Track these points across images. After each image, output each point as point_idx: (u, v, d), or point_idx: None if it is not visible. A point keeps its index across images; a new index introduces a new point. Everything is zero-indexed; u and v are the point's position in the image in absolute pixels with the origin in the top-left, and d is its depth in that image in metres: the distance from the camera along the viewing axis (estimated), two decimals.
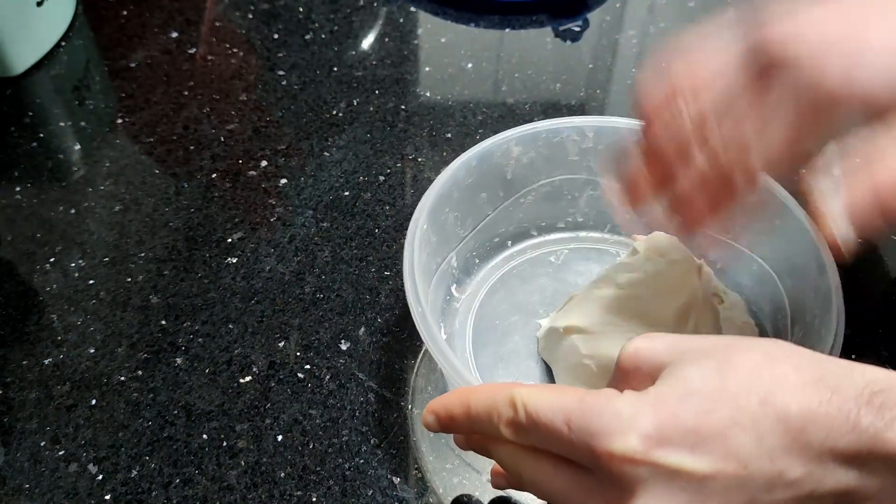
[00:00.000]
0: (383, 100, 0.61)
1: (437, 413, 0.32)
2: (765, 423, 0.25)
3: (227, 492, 0.40)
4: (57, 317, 0.48)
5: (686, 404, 0.26)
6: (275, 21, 0.68)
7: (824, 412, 0.25)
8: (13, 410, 0.43)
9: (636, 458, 0.26)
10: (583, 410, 0.27)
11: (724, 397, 0.26)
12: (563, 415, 0.27)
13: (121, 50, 0.65)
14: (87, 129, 0.59)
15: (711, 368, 0.27)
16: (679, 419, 0.26)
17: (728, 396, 0.26)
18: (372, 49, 0.66)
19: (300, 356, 0.46)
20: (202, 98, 0.61)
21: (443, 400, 0.32)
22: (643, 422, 0.26)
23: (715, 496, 0.25)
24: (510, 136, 0.45)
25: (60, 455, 0.42)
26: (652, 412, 0.26)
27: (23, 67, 0.62)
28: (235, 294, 0.49)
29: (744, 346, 0.28)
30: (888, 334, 0.47)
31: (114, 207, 0.54)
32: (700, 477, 0.25)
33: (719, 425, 0.25)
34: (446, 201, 0.44)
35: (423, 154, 0.58)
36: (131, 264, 0.50)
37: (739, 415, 0.25)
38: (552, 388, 0.29)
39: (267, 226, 0.53)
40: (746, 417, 0.25)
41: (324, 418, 0.43)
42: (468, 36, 0.67)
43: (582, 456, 0.27)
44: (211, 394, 0.44)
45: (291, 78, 0.63)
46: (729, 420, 0.25)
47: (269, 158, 0.57)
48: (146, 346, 0.46)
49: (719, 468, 0.25)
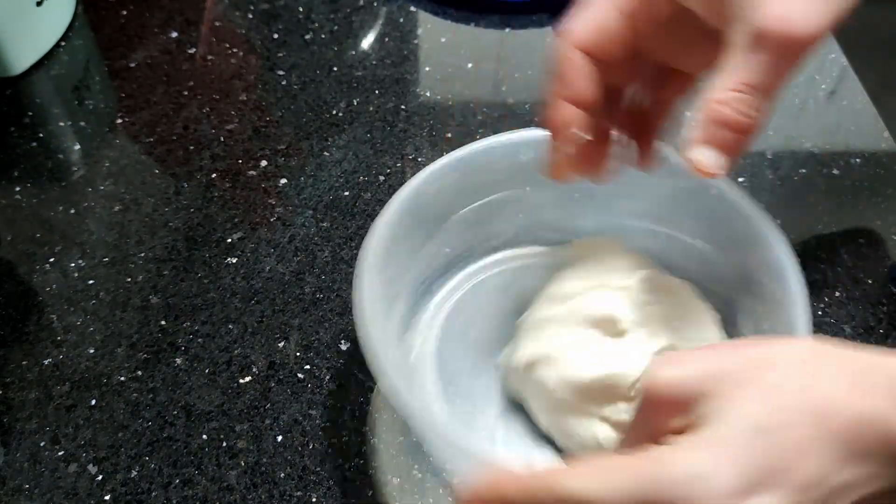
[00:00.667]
0: (383, 100, 0.61)
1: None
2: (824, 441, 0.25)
3: (227, 492, 0.40)
4: (56, 317, 0.48)
5: (753, 441, 0.25)
6: (275, 21, 0.68)
7: (870, 419, 0.25)
8: (13, 410, 0.43)
9: None
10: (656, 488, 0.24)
11: (781, 426, 0.25)
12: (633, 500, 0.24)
13: (121, 50, 0.65)
14: (86, 129, 0.59)
15: (759, 396, 0.26)
16: (752, 458, 0.25)
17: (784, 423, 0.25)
18: (372, 49, 0.66)
19: (300, 356, 0.46)
20: (202, 98, 0.61)
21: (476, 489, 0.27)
22: (725, 477, 0.24)
23: None
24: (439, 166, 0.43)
25: (60, 455, 0.42)
26: (729, 460, 0.25)
27: (22, 67, 0.62)
28: (235, 294, 0.49)
29: (778, 356, 0.27)
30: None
31: (114, 207, 0.54)
32: None
33: (789, 455, 0.25)
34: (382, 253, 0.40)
35: (423, 154, 0.58)
36: (131, 264, 0.50)
37: (802, 439, 0.25)
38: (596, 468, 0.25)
39: (267, 226, 0.53)
40: (806, 441, 0.25)
41: (324, 418, 0.43)
42: (468, 36, 0.67)
43: None
44: (211, 394, 0.44)
45: (291, 78, 0.63)
46: (794, 447, 0.25)
47: (269, 158, 0.57)
48: (146, 347, 0.46)
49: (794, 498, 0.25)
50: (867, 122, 0.61)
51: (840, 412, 0.25)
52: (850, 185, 0.56)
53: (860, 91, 0.63)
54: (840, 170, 0.57)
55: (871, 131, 0.60)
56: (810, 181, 0.56)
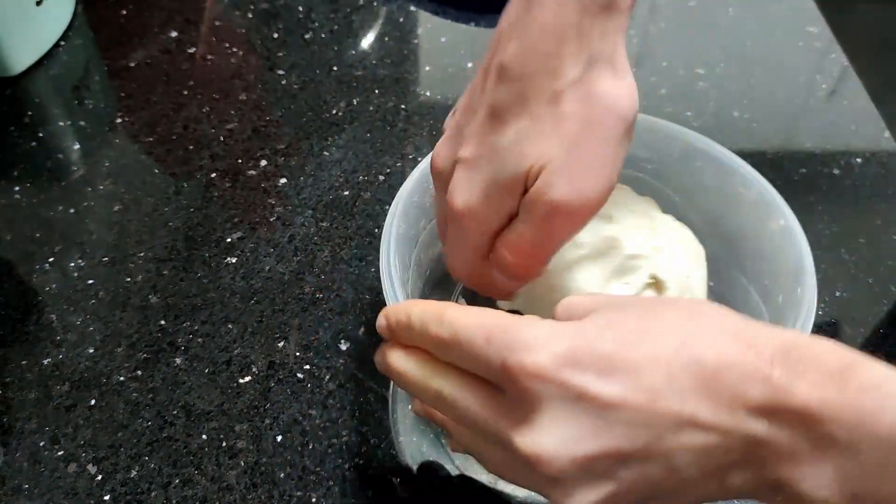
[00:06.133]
0: (383, 99, 0.61)
1: (387, 317, 0.32)
2: (678, 364, 0.25)
3: (227, 492, 0.40)
4: (56, 317, 0.47)
5: (603, 336, 0.27)
6: (275, 21, 0.68)
7: (739, 362, 0.25)
8: (12, 410, 0.43)
9: (545, 374, 0.26)
10: (504, 328, 0.27)
11: (642, 337, 0.26)
12: (485, 331, 0.28)
13: (120, 50, 0.65)
14: (86, 129, 0.59)
15: (635, 314, 0.28)
16: (593, 347, 0.26)
17: (646, 337, 0.26)
18: (372, 49, 0.66)
19: (300, 356, 0.46)
20: (202, 98, 0.61)
21: (395, 307, 0.32)
22: (558, 343, 0.26)
23: (619, 425, 0.25)
24: None
25: (60, 455, 0.42)
26: (568, 337, 0.27)
27: (22, 67, 0.62)
28: (235, 294, 0.49)
29: (670, 302, 0.29)
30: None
31: (113, 207, 0.53)
32: (605, 403, 0.25)
33: (632, 359, 0.26)
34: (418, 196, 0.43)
35: (423, 154, 0.58)
36: (131, 264, 0.50)
37: (655, 353, 0.26)
38: (483, 310, 0.29)
39: (266, 225, 0.53)
40: (661, 357, 0.26)
41: (324, 418, 0.43)
42: (468, 36, 0.67)
43: (494, 370, 0.27)
44: (210, 394, 0.44)
45: (291, 78, 0.63)
46: (643, 357, 0.26)
47: (269, 158, 0.57)
48: (145, 346, 0.46)
49: (626, 397, 0.25)
50: (867, 122, 0.60)
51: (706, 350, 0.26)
52: (850, 185, 0.56)
53: (861, 91, 0.63)
54: (840, 170, 0.57)
55: (871, 131, 0.60)
56: (810, 181, 0.56)
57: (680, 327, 0.27)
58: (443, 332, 0.29)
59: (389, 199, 0.54)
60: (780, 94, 0.63)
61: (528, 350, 0.26)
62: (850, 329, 0.48)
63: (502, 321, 0.28)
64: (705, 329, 0.26)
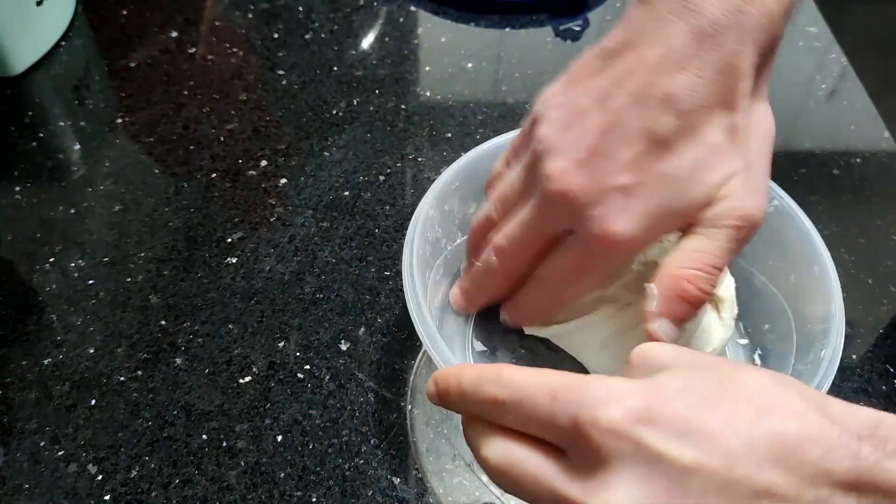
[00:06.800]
0: (383, 100, 0.61)
1: (437, 383, 0.31)
2: (758, 433, 0.25)
3: (227, 492, 0.40)
4: (56, 317, 0.48)
5: (680, 397, 0.26)
6: (275, 21, 0.68)
7: (824, 437, 0.24)
8: (13, 410, 0.43)
9: (620, 430, 0.25)
10: (571, 386, 0.27)
11: (721, 403, 0.25)
12: (550, 389, 0.27)
13: (121, 50, 0.65)
14: (86, 129, 0.59)
15: (715, 378, 0.27)
16: (669, 407, 0.25)
17: (726, 403, 0.25)
18: (372, 49, 0.66)
19: (300, 356, 0.46)
20: (202, 98, 0.61)
21: (445, 371, 0.31)
22: (633, 399, 0.26)
23: (694, 491, 0.24)
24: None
25: (60, 455, 0.42)
26: (643, 394, 0.26)
27: (22, 67, 0.62)
28: (235, 294, 0.49)
29: (752, 370, 0.27)
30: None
31: (114, 207, 0.54)
32: (682, 467, 0.24)
33: (711, 424, 0.25)
34: (455, 189, 0.44)
35: (423, 154, 0.58)
36: (131, 264, 0.50)
37: (734, 421, 0.25)
38: (541, 369, 0.28)
39: (267, 226, 0.53)
40: (741, 425, 0.25)
41: (324, 418, 0.43)
42: (468, 36, 0.67)
43: (561, 428, 0.26)
44: (211, 394, 0.44)
45: (291, 78, 0.63)
46: (722, 423, 0.25)
47: (269, 158, 0.57)
48: (146, 346, 0.46)
49: (703, 462, 0.24)
50: (867, 122, 0.61)
51: (788, 423, 0.25)
52: (850, 185, 0.56)
53: (860, 91, 0.63)
54: (840, 170, 0.57)
55: (871, 131, 0.60)
56: (810, 181, 0.56)
57: (761, 396, 0.26)
58: (500, 392, 0.28)
59: (390, 199, 0.55)
60: (780, 94, 0.63)
61: (601, 405, 0.25)
62: (849, 329, 0.48)
63: (567, 379, 0.27)
64: (787, 401, 0.26)
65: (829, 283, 0.39)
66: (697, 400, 0.26)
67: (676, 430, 0.25)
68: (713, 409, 0.25)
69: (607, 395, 0.26)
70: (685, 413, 0.25)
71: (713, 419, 0.25)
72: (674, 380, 0.27)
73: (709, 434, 0.25)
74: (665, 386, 0.26)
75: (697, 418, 0.25)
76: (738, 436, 0.25)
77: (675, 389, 0.26)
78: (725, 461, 0.24)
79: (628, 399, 0.26)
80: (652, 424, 0.25)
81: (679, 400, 0.26)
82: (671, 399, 0.26)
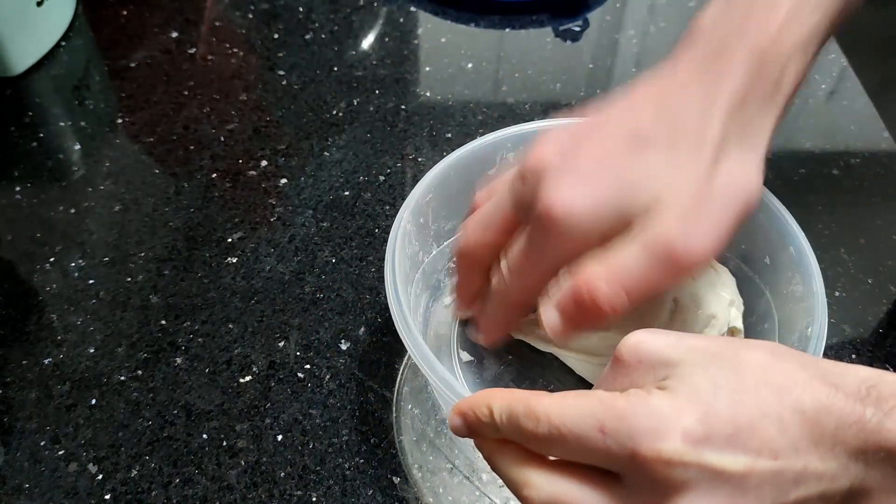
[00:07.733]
0: (383, 100, 0.61)
1: (464, 416, 0.30)
2: (785, 414, 0.25)
3: (227, 491, 0.40)
4: (57, 316, 0.48)
5: (716, 399, 0.26)
6: (275, 21, 0.68)
7: (834, 405, 0.25)
8: (13, 410, 0.43)
9: (684, 460, 0.25)
10: (617, 416, 0.26)
11: (747, 393, 0.26)
12: (595, 422, 0.26)
13: (121, 50, 0.65)
14: (86, 129, 0.59)
15: (726, 367, 0.27)
16: (714, 414, 0.26)
17: (750, 391, 0.26)
18: (372, 49, 0.66)
19: (300, 356, 0.46)
20: (202, 98, 0.61)
21: (469, 402, 0.30)
22: (685, 419, 0.26)
23: (751, 490, 0.25)
24: (501, 136, 0.45)
25: (60, 455, 0.42)
26: (689, 409, 0.26)
27: (23, 67, 0.62)
28: (235, 294, 0.49)
29: (747, 346, 0.28)
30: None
31: (114, 207, 0.54)
32: (740, 475, 0.25)
33: (750, 417, 0.26)
34: (429, 201, 0.43)
35: (423, 154, 0.58)
36: (131, 264, 0.50)
37: (763, 407, 0.26)
38: (574, 395, 0.28)
39: (267, 226, 0.53)
40: (770, 410, 0.26)
41: (324, 418, 0.43)
42: (468, 36, 0.67)
43: (620, 462, 0.26)
44: (211, 394, 0.44)
45: (291, 78, 0.63)
46: (756, 412, 0.26)
47: (269, 158, 0.57)
48: (146, 346, 0.46)
49: (755, 464, 0.25)
50: (867, 122, 0.61)
51: (802, 395, 0.26)
52: (849, 185, 0.56)
53: (860, 91, 0.63)
54: (840, 170, 0.57)
55: (871, 131, 0.60)
56: (810, 181, 0.56)
57: (770, 373, 0.27)
58: (541, 429, 0.27)
59: (390, 199, 0.55)
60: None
61: (657, 436, 0.25)
62: (849, 329, 0.48)
63: (605, 405, 0.27)
64: (792, 373, 0.26)
65: (808, 261, 0.39)
66: (728, 395, 0.26)
67: (726, 437, 0.25)
68: (744, 402, 0.26)
69: (659, 423, 0.26)
70: (727, 414, 0.26)
71: (747, 413, 0.26)
72: (699, 380, 0.27)
73: (751, 429, 0.25)
74: (699, 391, 0.26)
75: (738, 416, 0.26)
76: (772, 422, 0.25)
77: (707, 391, 0.26)
78: (770, 454, 0.25)
79: (680, 421, 0.26)
80: (707, 442, 0.25)
81: (716, 402, 0.26)
82: (711, 405, 0.26)
